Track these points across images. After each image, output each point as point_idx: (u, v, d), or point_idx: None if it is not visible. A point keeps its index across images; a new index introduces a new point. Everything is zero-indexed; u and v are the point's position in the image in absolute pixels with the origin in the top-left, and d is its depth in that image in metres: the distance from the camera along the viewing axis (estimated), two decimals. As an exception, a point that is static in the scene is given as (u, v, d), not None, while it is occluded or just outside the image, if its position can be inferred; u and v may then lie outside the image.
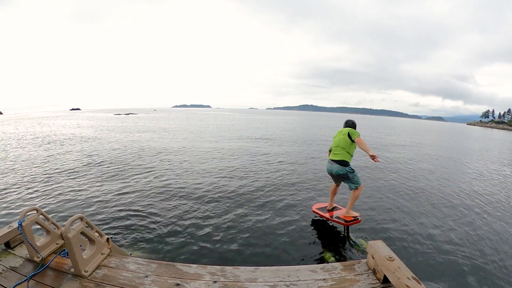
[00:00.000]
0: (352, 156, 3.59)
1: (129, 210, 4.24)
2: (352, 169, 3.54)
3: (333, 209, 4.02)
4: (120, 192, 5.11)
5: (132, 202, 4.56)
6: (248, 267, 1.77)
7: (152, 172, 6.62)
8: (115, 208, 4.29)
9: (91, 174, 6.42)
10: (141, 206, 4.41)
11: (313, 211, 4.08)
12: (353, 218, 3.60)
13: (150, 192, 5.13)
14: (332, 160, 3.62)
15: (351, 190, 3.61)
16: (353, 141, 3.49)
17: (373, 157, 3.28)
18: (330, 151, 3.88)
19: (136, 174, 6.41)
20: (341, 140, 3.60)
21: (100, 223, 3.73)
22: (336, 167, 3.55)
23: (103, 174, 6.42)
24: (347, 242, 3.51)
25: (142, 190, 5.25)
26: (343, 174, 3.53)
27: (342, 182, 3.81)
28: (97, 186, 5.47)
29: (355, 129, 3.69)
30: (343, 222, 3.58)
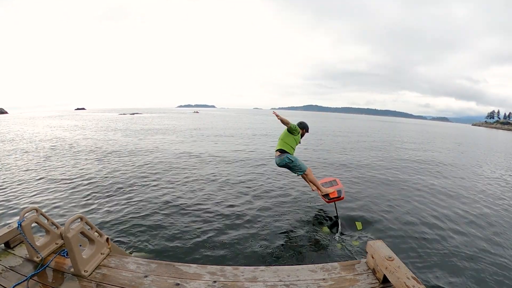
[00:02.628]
0: (292, 153, 3.92)
1: (129, 209, 4.24)
2: (292, 159, 3.84)
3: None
4: (120, 192, 5.11)
5: (132, 202, 4.56)
6: (248, 267, 1.77)
7: (152, 173, 6.61)
8: (115, 208, 4.29)
9: (91, 174, 6.42)
10: (141, 206, 4.41)
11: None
12: (335, 192, 3.99)
13: (150, 192, 5.13)
14: (277, 152, 3.94)
15: (299, 175, 4.01)
16: (290, 133, 3.88)
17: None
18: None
19: (136, 175, 6.41)
20: (285, 136, 3.95)
21: (99, 223, 3.74)
22: (278, 159, 3.88)
23: (103, 174, 6.42)
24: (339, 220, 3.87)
25: (142, 190, 5.25)
26: (283, 163, 3.85)
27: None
28: (97, 186, 5.47)
29: (300, 128, 4.06)
30: (328, 200, 3.99)
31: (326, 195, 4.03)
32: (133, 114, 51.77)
